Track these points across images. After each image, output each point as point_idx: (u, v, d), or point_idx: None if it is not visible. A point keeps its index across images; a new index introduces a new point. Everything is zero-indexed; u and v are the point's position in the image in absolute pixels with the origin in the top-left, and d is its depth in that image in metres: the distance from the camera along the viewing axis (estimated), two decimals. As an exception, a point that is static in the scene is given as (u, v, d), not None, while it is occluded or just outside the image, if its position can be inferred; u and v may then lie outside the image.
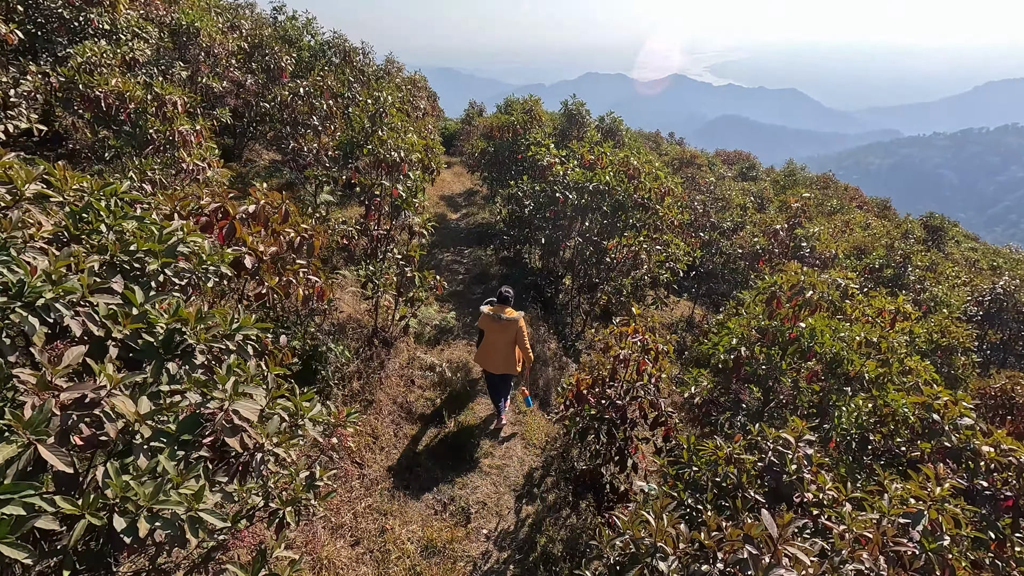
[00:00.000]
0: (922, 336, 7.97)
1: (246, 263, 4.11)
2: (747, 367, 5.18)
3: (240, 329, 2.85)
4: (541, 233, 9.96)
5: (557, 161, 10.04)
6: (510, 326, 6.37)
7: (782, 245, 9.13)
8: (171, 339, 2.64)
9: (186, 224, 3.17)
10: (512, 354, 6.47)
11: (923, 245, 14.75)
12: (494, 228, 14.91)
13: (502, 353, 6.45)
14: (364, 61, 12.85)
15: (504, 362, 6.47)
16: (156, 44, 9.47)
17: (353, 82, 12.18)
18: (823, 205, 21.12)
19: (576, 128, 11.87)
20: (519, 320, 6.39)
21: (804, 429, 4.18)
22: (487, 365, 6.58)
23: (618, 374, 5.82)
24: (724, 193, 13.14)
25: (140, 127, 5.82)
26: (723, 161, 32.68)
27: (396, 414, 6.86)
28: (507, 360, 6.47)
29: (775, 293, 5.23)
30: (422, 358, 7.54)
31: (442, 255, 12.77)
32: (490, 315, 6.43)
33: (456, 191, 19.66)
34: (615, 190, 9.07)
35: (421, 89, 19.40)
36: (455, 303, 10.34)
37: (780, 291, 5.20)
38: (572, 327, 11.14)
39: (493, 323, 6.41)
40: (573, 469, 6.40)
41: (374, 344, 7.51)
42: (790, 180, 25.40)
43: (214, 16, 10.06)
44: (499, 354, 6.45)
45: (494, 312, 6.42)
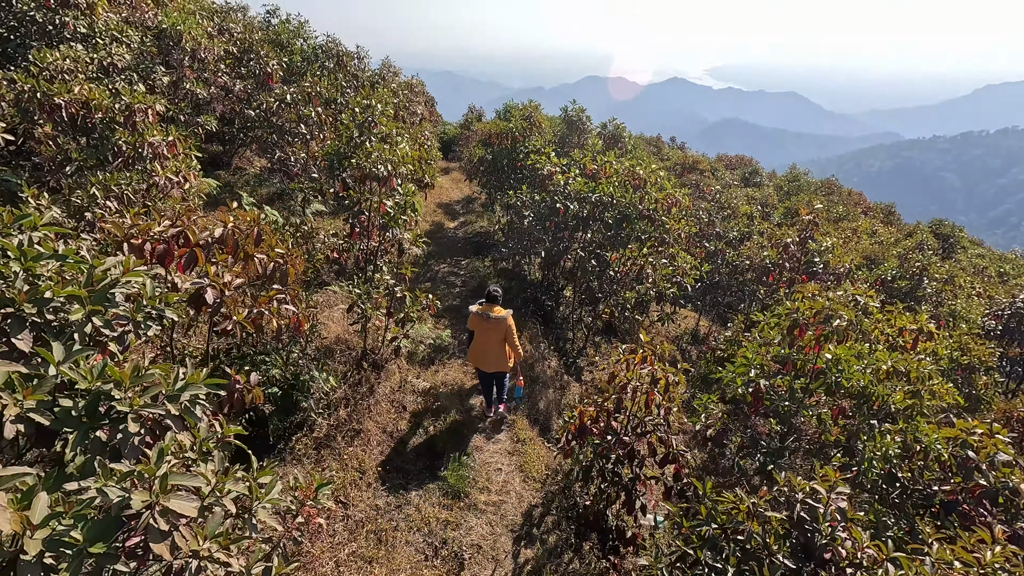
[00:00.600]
0: (944, 357, 7.51)
1: (207, 297, 3.65)
2: (767, 401, 4.72)
3: (187, 387, 2.39)
4: (541, 245, 9.51)
5: (558, 170, 9.60)
6: (499, 324, 6.48)
7: (793, 259, 8.67)
8: (95, 406, 2.19)
9: (127, 260, 2.71)
10: (503, 351, 6.61)
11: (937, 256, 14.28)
12: (492, 237, 14.46)
13: (494, 351, 6.57)
14: (358, 66, 12.41)
15: (496, 360, 6.61)
16: (138, 49, 9.05)
17: (347, 87, 11.75)
18: (829, 212, 20.67)
19: (577, 135, 11.43)
20: (507, 318, 6.52)
21: (837, 480, 3.71)
22: (480, 364, 6.71)
23: (624, 406, 5.37)
24: (729, 202, 12.70)
25: (107, 138, 5.38)
26: (726, 166, 32.25)
27: (385, 444, 6.39)
28: (499, 358, 6.61)
29: (797, 321, 4.77)
30: (414, 383, 7.07)
31: (438, 266, 12.32)
32: (479, 314, 6.54)
33: (454, 198, 19.21)
34: (620, 201, 8.63)
35: (418, 94, 18.99)
36: (451, 319, 9.88)
37: (803, 319, 4.74)
38: (573, 343, 10.68)
39: (483, 322, 6.52)
40: (576, 506, 5.93)
41: (363, 367, 7.05)
42: (794, 186, 24.95)
43: (199, 19, 9.64)
44: (491, 352, 6.58)
45: (483, 311, 6.53)
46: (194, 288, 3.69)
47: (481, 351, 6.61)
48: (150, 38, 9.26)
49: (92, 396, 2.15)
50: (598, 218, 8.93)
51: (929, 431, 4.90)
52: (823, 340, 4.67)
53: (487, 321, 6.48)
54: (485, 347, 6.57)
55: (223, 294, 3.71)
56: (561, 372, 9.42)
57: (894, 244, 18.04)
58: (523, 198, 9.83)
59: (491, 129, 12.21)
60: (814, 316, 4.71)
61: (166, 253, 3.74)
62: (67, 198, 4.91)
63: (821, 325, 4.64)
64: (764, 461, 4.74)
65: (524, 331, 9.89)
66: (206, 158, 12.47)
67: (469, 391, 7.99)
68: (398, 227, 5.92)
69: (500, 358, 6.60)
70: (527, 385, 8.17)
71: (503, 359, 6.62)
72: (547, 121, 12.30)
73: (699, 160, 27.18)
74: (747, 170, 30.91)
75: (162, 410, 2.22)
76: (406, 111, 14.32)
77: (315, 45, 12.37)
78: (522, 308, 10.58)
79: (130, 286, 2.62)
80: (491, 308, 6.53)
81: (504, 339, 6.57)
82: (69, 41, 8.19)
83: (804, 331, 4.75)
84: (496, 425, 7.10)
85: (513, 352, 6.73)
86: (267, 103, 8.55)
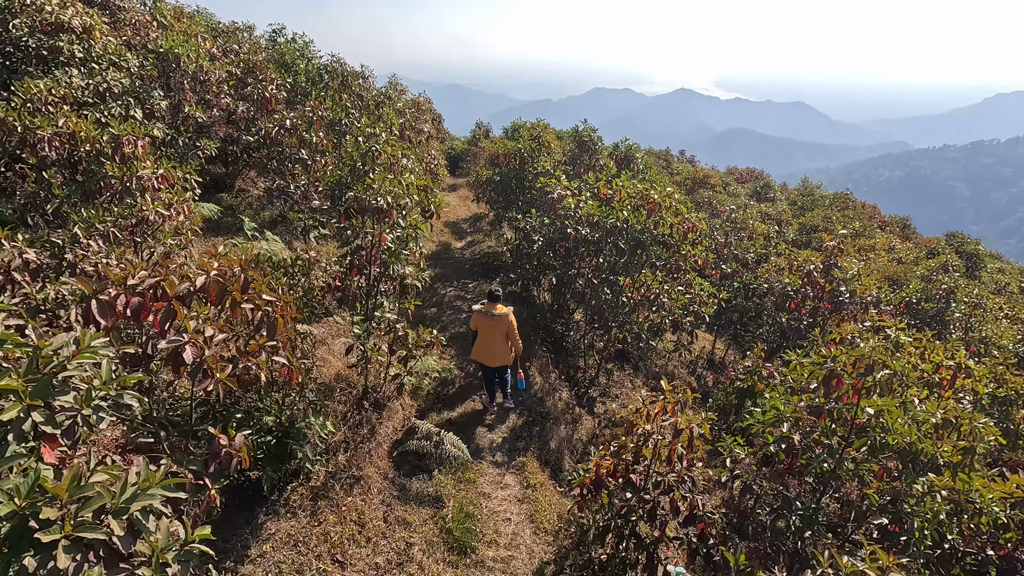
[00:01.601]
0: (985, 396, 7.03)
1: (185, 356, 3.30)
2: (802, 460, 4.29)
3: (138, 497, 2.03)
4: (551, 272, 9.14)
5: (569, 193, 9.24)
6: (502, 320, 6.95)
7: (817, 287, 8.23)
8: (23, 531, 1.82)
9: (82, 334, 2.36)
10: (506, 346, 7.10)
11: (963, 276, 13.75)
12: (500, 259, 14.11)
13: (498, 347, 7.03)
14: (363, 85, 12.16)
15: (500, 355, 7.08)
16: (138, 73, 8.83)
17: (351, 108, 11.50)
18: (845, 228, 20.16)
19: (588, 155, 11.09)
20: (509, 315, 7.00)
21: (892, 565, 3.28)
22: (485, 360, 7.15)
23: (643, 455, 4.95)
24: (746, 222, 12.27)
25: (93, 173, 5.09)
26: (737, 180, 31.83)
27: (387, 492, 5.99)
28: (503, 353, 7.08)
29: (834, 371, 4.34)
30: (418, 424, 6.67)
31: (445, 290, 11.96)
32: (482, 312, 6.99)
33: (461, 216, 18.90)
34: (633, 227, 8.25)
35: (425, 112, 18.80)
36: (458, 348, 9.50)
37: (841, 368, 4.32)
38: (585, 371, 10.26)
39: (486, 319, 6.97)
40: (591, 563, 5.49)
41: (364, 407, 6.67)
42: (808, 200, 24.46)
43: (199, 41, 9.42)
44: (495, 348, 7.03)
45: (485, 309, 7.00)
46: (171, 347, 3.34)
47: (486, 348, 7.05)
48: (150, 61, 9.05)
49: (19, 520, 1.78)
50: (611, 244, 8.55)
51: (983, 490, 4.44)
52: (864, 392, 4.24)
53: (490, 318, 6.93)
54: (490, 344, 7.01)
55: (203, 352, 3.35)
56: (573, 404, 9.00)
57: (915, 263, 17.51)
58: (532, 222, 9.48)
59: (499, 149, 11.90)
60: (853, 366, 4.28)
61: (141, 308, 3.40)
62: (47, 237, 4.60)
63: (861, 377, 4.21)
64: (799, 526, 4.29)
65: (533, 360, 9.49)
66: (208, 180, 12.25)
67: (476, 425, 7.59)
68: (399, 263, 5.57)
69: (504, 353, 7.08)
70: (539, 424, 7.76)
71: (506, 353, 7.10)
72: (556, 141, 11.98)
73: (710, 174, 26.81)
74: (759, 184, 30.47)
75: (103, 534, 1.84)
76: (412, 130, 14.07)
77: (319, 65, 12.15)
78: (532, 335, 10.19)
79: (83, 369, 2.26)
80: (493, 306, 7.00)
81: (506, 335, 7.04)
82: (65, 66, 7.97)
83: (842, 382, 4.32)
84: (503, 416, 7.63)
85: (514, 346, 7.21)
86: (266, 128, 8.28)
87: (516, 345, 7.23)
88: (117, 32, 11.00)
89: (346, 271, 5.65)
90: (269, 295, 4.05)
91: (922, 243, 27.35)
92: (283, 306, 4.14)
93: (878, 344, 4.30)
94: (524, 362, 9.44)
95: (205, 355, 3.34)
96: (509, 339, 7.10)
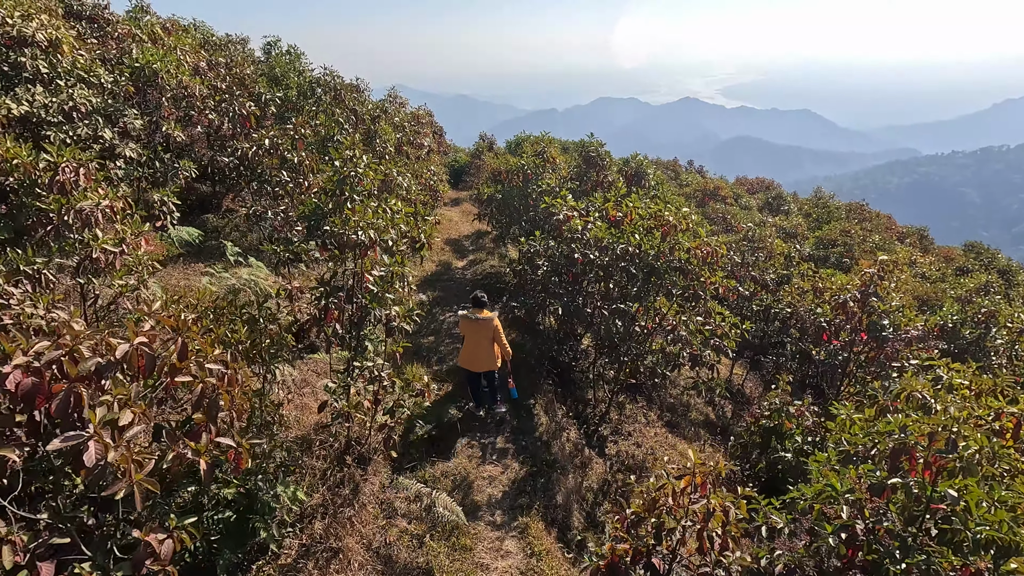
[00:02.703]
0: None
1: (86, 458, 2.57)
2: (871, 555, 3.49)
3: None
4: (557, 301, 8.39)
5: (575, 214, 8.51)
6: (487, 325, 7.02)
7: (854, 318, 7.43)
8: None
9: None
10: (492, 351, 7.16)
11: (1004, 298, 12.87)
12: (504, 279, 13.37)
13: (483, 351, 7.10)
14: (358, 99, 11.52)
15: (486, 359, 7.13)
16: (111, 89, 8.20)
17: (344, 123, 10.85)
18: (864, 241, 19.33)
19: (595, 171, 10.38)
20: (494, 319, 7.07)
21: None
22: (471, 365, 7.24)
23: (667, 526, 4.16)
24: (765, 240, 11.49)
25: (25, 206, 4.44)
26: (747, 191, 31.05)
27: (370, 567, 5.22)
28: (488, 357, 7.14)
29: (905, 445, 3.56)
30: (407, 484, 5.91)
31: (444, 315, 11.21)
32: (468, 317, 7.08)
33: (463, 232, 18.20)
34: (646, 252, 7.51)
35: (426, 125, 18.17)
36: (456, 381, 8.75)
37: (913, 443, 3.53)
38: (594, 405, 9.46)
39: (471, 324, 7.05)
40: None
41: (346, 463, 5.91)
42: (823, 212, 23.59)
43: (180, 55, 8.81)
44: (481, 353, 7.09)
45: (471, 314, 7.07)
46: (67, 446, 2.60)
47: (472, 353, 7.15)
48: (126, 77, 8.42)
49: None
50: (621, 270, 7.80)
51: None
52: (944, 473, 3.45)
53: (475, 323, 7.02)
54: (475, 348, 7.10)
55: (109, 452, 2.62)
56: (581, 445, 8.21)
57: (941, 279, 16.63)
58: (536, 245, 8.74)
59: (501, 165, 11.21)
60: (929, 441, 3.49)
61: (35, 391, 2.68)
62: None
63: (941, 455, 3.42)
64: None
65: (539, 396, 8.73)
66: (194, 200, 11.61)
67: (474, 476, 6.82)
68: (382, 307, 4.84)
69: (489, 358, 7.14)
70: (544, 474, 6.98)
71: (492, 358, 7.17)
72: (562, 156, 11.27)
73: (720, 186, 26.05)
74: (770, 195, 29.69)
75: None
76: (411, 146, 13.41)
77: (311, 79, 11.51)
78: (536, 367, 9.42)
79: None
80: (479, 311, 7.07)
81: (492, 339, 7.10)
82: (29, 83, 7.34)
83: (915, 459, 3.53)
84: (498, 425, 7.63)
85: (502, 351, 7.29)
86: (242, 149, 7.60)
87: (504, 349, 7.31)
88: (103, 47, 10.44)
89: (321, 315, 4.91)
90: (215, 361, 3.32)
91: (941, 254, 26.42)
92: (232, 375, 3.41)
93: (959, 413, 3.51)
94: (528, 398, 8.69)
95: (110, 457, 2.60)
96: (496, 343, 7.18)
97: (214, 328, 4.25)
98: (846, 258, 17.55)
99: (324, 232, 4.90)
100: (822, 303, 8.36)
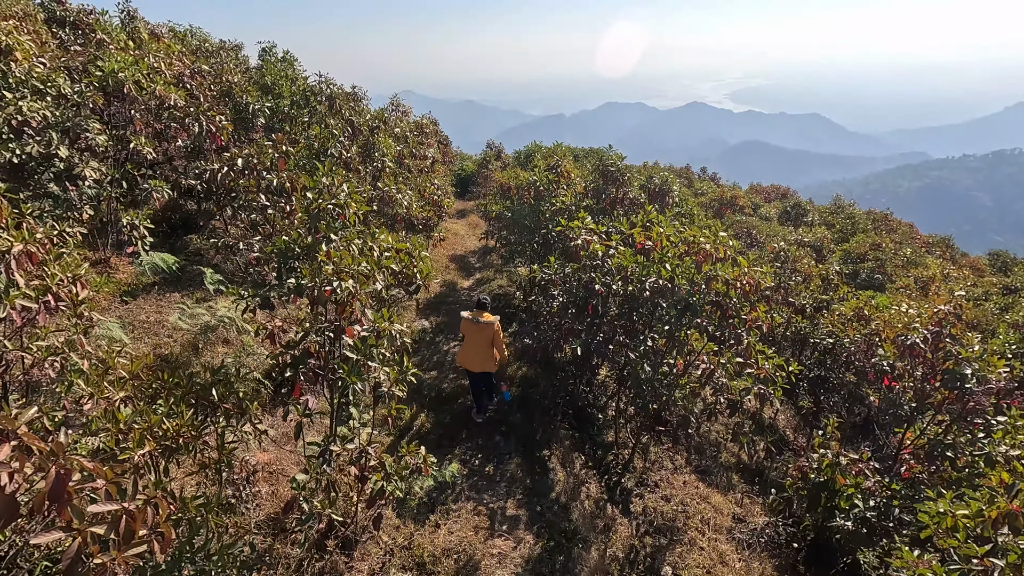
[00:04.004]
0: None
1: None
2: None
3: None
4: (575, 339, 7.38)
5: (595, 239, 7.52)
6: (487, 328, 7.19)
7: (925, 363, 6.37)
8: None
9: None
10: (490, 353, 7.28)
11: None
12: (512, 302, 12.37)
13: (481, 352, 7.24)
14: (355, 108, 10.59)
15: (483, 360, 7.27)
16: (76, 100, 7.30)
17: (339, 135, 9.92)
18: (895, 256, 18.18)
19: (615, 187, 9.35)
20: (495, 323, 7.23)
21: None
22: (468, 365, 7.40)
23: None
24: (799, 260, 10.41)
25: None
26: (764, 199, 29.92)
27: None
28: (485, 359, 7.27)
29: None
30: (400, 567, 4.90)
31: (448, 346, 10.22)
32: (469, 319, 7.27)
33: (469, 248, 17.22)
34: (679, 284, 6.50)
35: (430, 135, 17.23)
36: (457, 426, 7.76)
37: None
38: (616, 451, 8.43)
39: (472, 325, 7.24)
40: None
41: (327, 547, 4.92)
42: (847, 223, 22.41)
43: (153, 61, 7.92)
44: (479, 353, 7.25)
45: (473, 316, 7.28)
46: None
47: (469, 353, 7.31)
48: (92, 88, 7.52)
49: None
50: (650, 303, 6.80)
51: None
52: None
53: (476, 324, 7.21)
54: (474, 348, 7.26)
55: None
56: (603, 502, 7.18)
57: (984, 297, 15.47)
58: (550, 274, 7.75)
59: (510, 180, 10.23)
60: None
61: None
62: None
63: None
64: None
65: (554, 446, 7.74)
66: (178, 219, 10.69)
67: (482, 553, 5.82)
68: (363, 379, 3.86)
69: (487, 359, 7.28)
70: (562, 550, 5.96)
71: (489, 360, 7.29)
72: (576, 170, 10.27)
73: (737, 195, 24.94)
74: (788, 203, 28.52)
75: None
76: (412, 158, 12.47)
77: (305, 87, 10.59)
78: (551, 409, 8.42)
79: None
80: (480, 314, 7.29)
81: (491, 341, 7.24)
82: (-26, 94, 6.45)
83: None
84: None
85: (499, 354, 7.40)
86: (210, 171, 6.64)
87: (502, 353, 7.42)
88: (73, 54, 9.57)
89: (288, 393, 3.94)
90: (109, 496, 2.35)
91: (967, 264, 25.19)
92: (139, 510, 2.43)
93: None
94: (543, 447, 7.71)
95: None
96: (495, 346, 7.29)
97: (147, 413, 3.28)
98: (878, 274, 16.42)
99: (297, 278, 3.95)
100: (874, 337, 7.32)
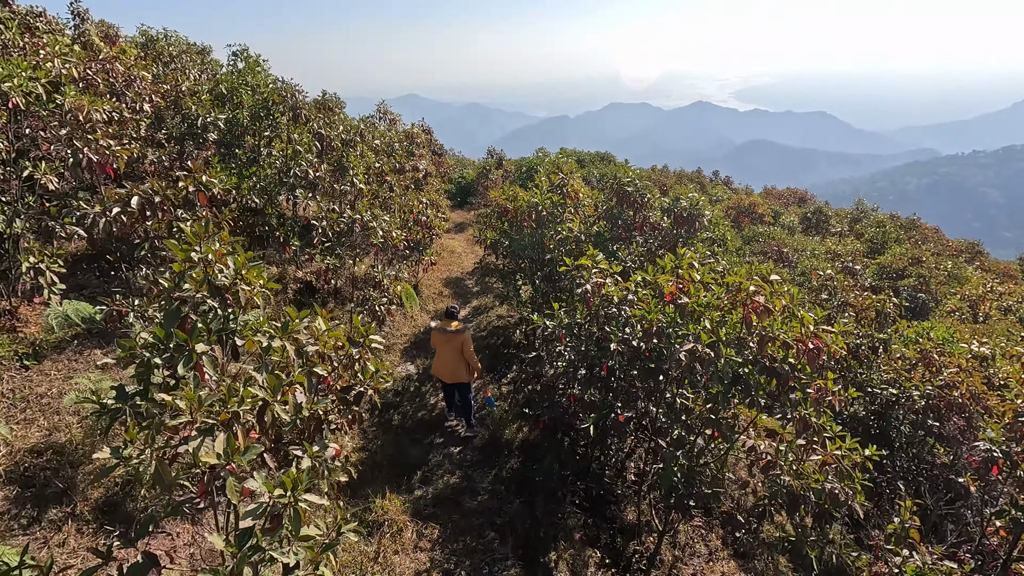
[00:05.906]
0: None
1: None
2: None
3: None
4: (588, 413, 5.80)
5: (609, 281, 5.96)
6: (456, 337, 7.10)
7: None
8: None
9: None
10: (461, 364, 7.20)
11: None
12: (512, 339, 10.79)
13: (452, 363, 7.17)
14: (326, 121, 8.95)
15: (454, 371, 7.21)
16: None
17: (304, 152, 8.38)
18: (937, 267, 16.47)
19: (632, 210, 7.71)
20: (464, 333, 7.16)
21: None
22: (442, 376, 7.34)
23: None
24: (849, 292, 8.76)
25: None
26: (782, 204, 28.19)
27: None
28: (457, 369, 7.20)
29: None
30: None
31: (436, 397, 8.61)
32: (438, 329, 7.23)
33: (466, 267, 15.65)
34: (726, 353, 4.92)
35: (422, 145, 15.66)
36: (442, 513, 6.19)
37: None
38: (639, 535, 6.83)
39: (441, 336, 7.18)
40: None
41: None
42: (878, 232, 20.64)
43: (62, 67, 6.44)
44: (449, 364, 7.19)
45: (441, 326, 7.21)
46: None
47: (442, 364, 7.24)
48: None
49: None
50: (684, 372, 5.22)
51: None
52: None
53: (445, 334, 7.12)
54: (445, 359, 7.18)
55: None
56: (625, 618, 5.60)
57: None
58: (555, 326, 6.18)
59: (508, 202, 8.66)
60: None
61: None
62: None
63: None
64: None
65: (562, 546, 6.15)
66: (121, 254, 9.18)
67: None
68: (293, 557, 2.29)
69: (458, 370, 7.18)
70: None
71: (461, 370, 7.20)
72: (585, 188, 8.68)
73: (756, 201, 23.25)
74: (809, 209, 26.79)
75: None
76: (396, 174, 10.91)
77: (266, 93, 9.01)
78: (559, 491, 6.84)
79: None
80: (448, 323, 7.18)
81: (461, 351, 7.11)
82: None
83: None
84: (468, 441, 7.47)
85: (471, 364, 7.24)
86: (92, 215, 5.06)
87: (473, 363, 7.27)
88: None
89: None
90: None
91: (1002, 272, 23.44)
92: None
93: None
94: (548, 550, 6.11)
95: None
96: (465, 357, 7.17)
97: None
98: (921, 292, 14.73)
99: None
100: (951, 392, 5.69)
